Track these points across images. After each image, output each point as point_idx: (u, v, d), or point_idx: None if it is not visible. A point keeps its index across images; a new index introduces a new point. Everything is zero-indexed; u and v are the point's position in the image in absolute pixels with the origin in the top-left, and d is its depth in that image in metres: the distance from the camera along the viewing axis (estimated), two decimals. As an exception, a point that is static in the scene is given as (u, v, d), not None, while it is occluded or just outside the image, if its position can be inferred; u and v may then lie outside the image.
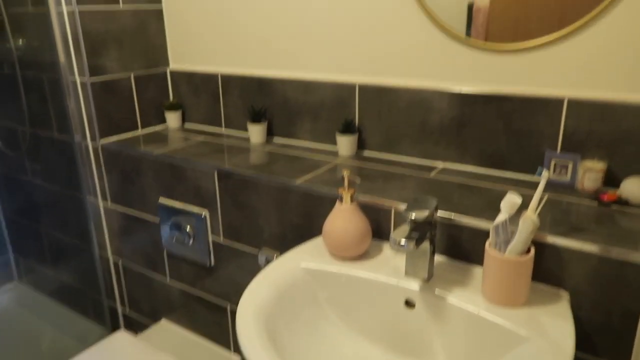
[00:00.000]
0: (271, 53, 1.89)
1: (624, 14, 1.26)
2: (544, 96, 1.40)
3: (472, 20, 1.45)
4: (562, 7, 1.32)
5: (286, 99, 1.88)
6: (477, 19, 1.44)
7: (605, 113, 1.33)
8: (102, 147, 1.99)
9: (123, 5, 1.96)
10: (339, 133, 1.72)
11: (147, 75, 2.10)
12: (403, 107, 1.63)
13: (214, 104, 2.09)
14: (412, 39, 1.57)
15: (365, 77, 1.70)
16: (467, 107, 1.52)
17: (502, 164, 1.51)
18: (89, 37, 1.87)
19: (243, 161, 1.71)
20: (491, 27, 1.43)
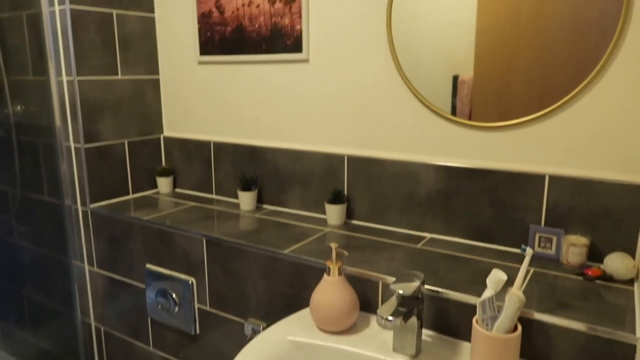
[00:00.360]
0: (263, 124, 1.95)
1: (599, 96, 1.33)
2: (527, 172, 1.45)
3: (457, 92, 1.52)
4: (542, 87, 1.39)
5: (277, 167, 1.92)
6: (461, 90, 1.51)
7: (585, 189, 1.37)
8: (91, 211, 1.99)
9: (122, 75, 2.04)
10: (328, 202, 1.75)
11: (141, 141, 2.15)
12: (391, 178, 1.67)
13: (205, 171, 2.13)
14: (400, 116, 1.64)
15: (354, 149, 1.75)
16: (453, 180, 1.56)
17: (489, 237, 1.54)
18: (86, 104, 1.93)
19: (232, 229, 1.72)
20: (475, 103, 1.50)
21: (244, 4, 1.87)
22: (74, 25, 1.85)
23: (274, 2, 1.80)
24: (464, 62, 1.49)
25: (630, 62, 1.28)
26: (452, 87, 1.52)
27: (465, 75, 1.50)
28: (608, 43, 1.28)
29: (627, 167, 1.33)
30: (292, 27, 1.78)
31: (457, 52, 1.49)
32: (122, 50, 2.03)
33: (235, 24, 1.91)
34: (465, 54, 1.48)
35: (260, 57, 1.88)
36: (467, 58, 1.48)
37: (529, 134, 1.44)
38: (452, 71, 1.51)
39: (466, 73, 1.49)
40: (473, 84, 1.49)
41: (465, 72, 1.49)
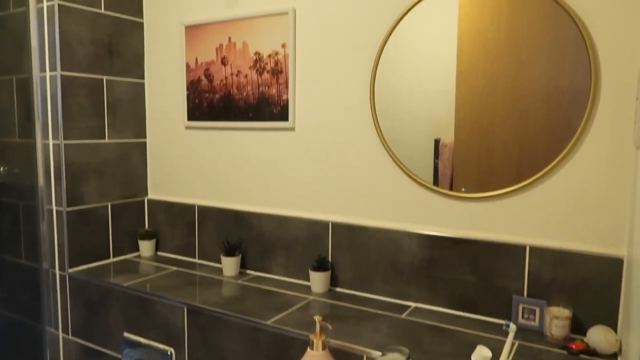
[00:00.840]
0: (248, 189, 1.96)
1: (574, 170, 1.38)
2: (508, 242, 1.47)
3: (439, 155, 1.56)
4: (520, 155, 1.44)
5: (261, 232, 1.92)
6: (443, 154, 1.56)
7: (566, 261, 1.39)
8: (70, 276, 1.95)
9: (109, 139, 2.05)
10: (312, 269, 1.74)
11: (124, 204, 2.14)
12: (375, 246, 1.68)
13: (189, 234, 2.11)
14: (383, 184, 1.67)
15: (339, 216, 1.76)
16: (435, 249, 1.57)
17: (472, 307, 1.53)
18: (71, 168, 1.93)
19: (215, 296, 1.69)
20: (457, 166, 1.54)
21: (233, 73, 1.93)
22: (64, 90, 1.89)
23: (261, 72, 1.86)
24: (445, 126, 1.54)
25: (603, 137, 1.34)
26: (434, 149, 1.57)
27: (447, 139, 1.55)
28: (581, 115, 1.35)
29: (604, 239, 1.36)
30: (278, 97, 1.83)
31: (439, 118, 1.55)
32: (110, 114, 2.06)
33: (224, 91, 1.96)
34: (446, 119, 1.54)
35: (247, 124, 1.92)
36: (448, 123, 1.54)
37: (509, 205, 1.48)
38: (433, 135, 1.56)
39: (447, 137, 1.55)
40: (454, 148, 1.54)
41: (447, 136, 1.55)
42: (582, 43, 1.33)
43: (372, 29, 1.64)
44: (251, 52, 1.88)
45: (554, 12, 1.36)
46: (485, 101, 1.48)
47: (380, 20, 1.62)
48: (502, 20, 1.44)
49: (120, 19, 2.08)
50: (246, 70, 1.90)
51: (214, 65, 1.98)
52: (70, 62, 1.90)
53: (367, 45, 1.66)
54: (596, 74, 1.33)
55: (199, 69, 2.02)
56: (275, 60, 1.83)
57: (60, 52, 1.87)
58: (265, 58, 1.85)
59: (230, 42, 1.93)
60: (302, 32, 1.78)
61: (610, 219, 1.35)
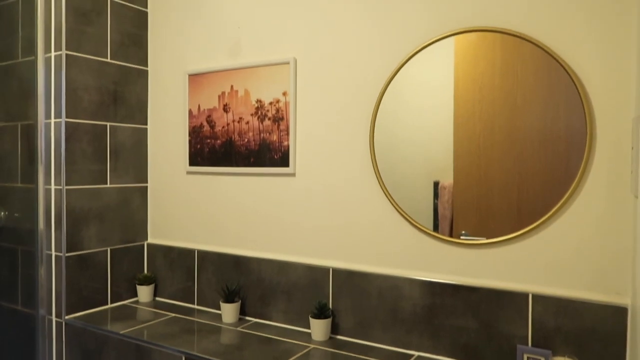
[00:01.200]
0: (249, 234, 1.96)
1: (574, 216, 1.39)
2: (510, 290, 1.46)
3: (439, 196, 1.57)
4: (519, 200, 1.45)
5: (261, 278, 1.90)
6: (442, 196, 1.56)
7: (569, 309, 1.38)
8: (66, 323, 1.92)
9: (110, 183, 2.07)
10: (312, 317, 1.72)
11: (124, 249, 2.13)
12: (376, 293, 1.66)
13: (188, 279, 2.09)
14: (384, 231, 1.67)
15: (339, 261, 1.76)
16: (437, 296, 1.56)
17: (476, 356, 1.50)
18: (72, 213, 1.93)
19: (213, 344, 1.66)
20: (456, 208, 1.54)
21: (234, 120, 1.97)
22: (68, 136, 1.91)
23: (263, 119, 1.90)
24: (444, 169, 1.56)
25: (601, 184, 1.35)
26: (434, 191, 1.58)
27: (446, 181, 1.56)
28: (579, 161, 1.36)
29: (607, 287, 1.35)
30: (279, 143, 1.86)
31: (438, 161, 1.57)
32: (112, 159, 2.08)
33: (225, 137, 1.99)
34: (445, 162, 1.55)
35: (247, 169, 1.94)
36: (447, 166, 1.55)
37: (511, 252, 1.47)
38: (433, 177, 1.58)
39: (446, 179, 1.56)
40: (453, 190, 1.55)
41: (446, 179, 1.56)
42: (575, 92, 1.36)
43: (371, 77, 1.69)
44: (253, 99, 1.92)
45: (547, 61, 1.40)
46: (483, 145, 1.50)
47: (380, 69, 1.67)
48: (497, 67, 1.48)
49: (125, 67, 2.13)
50: (248, 117, 1.93)
51: (216, 112, 2.02)
52: (75, 109, 1.94)
53: (367, 93, 1.69)
54: (591, 121, 1.36)
55: (201, 116, 2.06)
56: (276, 108, 1.87)
57: (65, 99, 1.90)
58: (266, 105, 1.89)
59: (233, 90, 1.97)
60: (302, 80, 1.83)
61: (613, 266, 1.34)
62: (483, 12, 1.50)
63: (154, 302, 2.15)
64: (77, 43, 1.94)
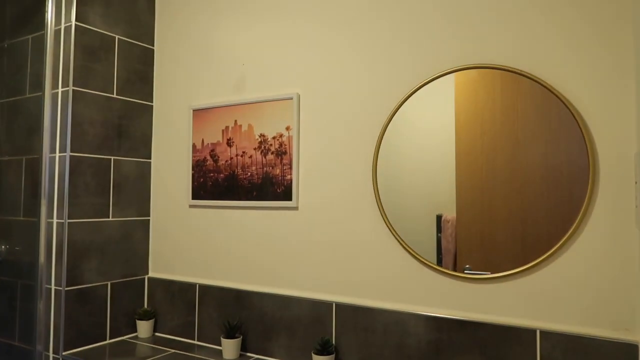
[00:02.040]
0: (251, 268, 1.95)
1: (580, 251, 1.38)
2: (517, 325, 1.43)
3: (442, 230, 1.56)
4: (524, 234, 1.44)
5: (263, 312, 1.88)
6: (446, 229, 1.55)
7: (578, 346, 1.35)
8: (63, 359, 1.88)
9: (112, 217, 2.06)
10: (315, 353, 1.68)
11: (124, 282, 2.11)
12: (380, 328, 1.64)
13: (188, 314, 2.06)
14: (386, 264, 1.66)
15: (343, 296, 1.73)
16: (443, 332, 1.53)
17: (483, 395, 1.47)
18: (73, 247, 1.92)
19: (214, 382, 1.62)
20: (460, 242, 1.53)
21: (238, 154, 1.98)
22: (72, 170, 1.92)
23: (266, 153, 1.91)
24: (447, 203, 1.56)
25: (606, 218, 1.35)
26: (437, 224, 1.57)
27: (449, 215, 1.56)
28: (583, 195, 1.37)
29: (616, 323, 1.33)
30: (282, 177, 1.87)
31: (440, 194, 1.57)
32: (115, 192, 2.08)
33: (229, 171, 2.00)
34: (448, 195, 1.56)
35: (250, 203, 1.94)
36: (450, 200, 1.55)
37: (516, 287, 1.46)
38: (435, 211, 1.57)
39: (449, 213, 1.55)
40: (456, 223, 1.54)
41: (449, 212, 1.55)
42: (576, 126, 1.38)
43: (374, 112, 1.71)
44: (256, 134, 1.94)
45: (546, 96, 1.43)
46: (485, 179, 1.51)
47: (382, 105, 1.69)
48: (497, 102, 1.50)
49: (130, 102, 2.16)
50: (251, 151, 1.95)
51: (219, 146, 2.04)
52: (80, 143, 1.96)
53: (369, 128, 1.71)
54: (593, 156, 1.36)
55: (205, 150, 2.08)
56: (279, 142, 1.89)
57: (71, 134, 1.93)
58: (269, 140, 1.91)
59: (236, 125, 2.00)
60: (305, 115, 1.85)
61: (621, 302, 1.33)
62: (481, 49, 1.54)
63: (153, 337, 2.11)
64: (85, 79, 1.98)
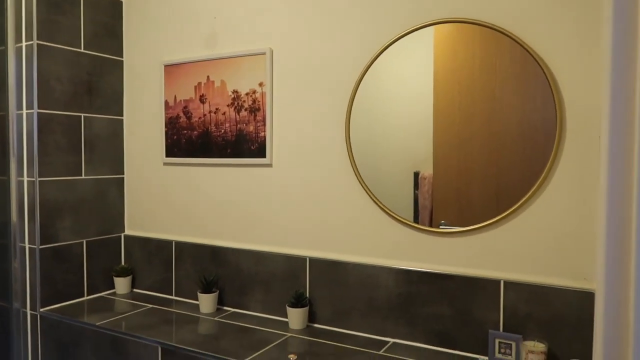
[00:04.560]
0: (226, 225, 1.96)
1: (545, 203, 1.42)
2: (483, 277, 1.49)
3: (419, 187, 1.58)
4: (497, 190, 1.47)
5: (239, 268, 1.91)
6: (422, 186, 1.58)
7: (540, 296, 1.41)
8: (41, 315, 1.90)
9: (85, 175, 2.04)
10: (289, 306, 1.73)
11: (100, 240, 2.11)
12: (352, 281, 1.68)
13: (165, 271, 2.08)
14: (360, 221, 1.68)
15: (316, 251, 1.77)
16: (413, 284, 1.58)
17: (450, 342, 1.53)
18: (46, 205, 1.90)
19: (191, 334, 1.66)
20: (436, 199, 1.55)
21: (211, 111, 1.96)
22: (40, 128, 1.88)
23: (239, 110, 1.89)
24: (424, 160, 1.57)
25: (572, 172, 1.38)
26: (414, 181, 1.59)
27: (426, 172, 1.57)
28: (551, 150, 1.39)
29: (576, 273, 1.38)
30: (256, 134, 1.86)
31: (417, 151, 1.58)
32: (87, 151, 2.05)
33: (202, 129, 1.98)
34: (424, 152, 1.57)
35: (225, 160, 1.93)
36: (427, 156, 1.57)
37: (485, 240, 1.50)
38: (413, 168, 1.59)
39: (426, 170, 1.57)
40: (433, 180, 1.56)
41: (426, 169, 1.57)
42: (547, 83, 1.39)
43: (347, 67, 1.69)
44: (229, 90, 1.91)
45: (523, 55, 1.42)
46: (462, 135, 1.52)
47: (356, 59, 1.67)
48: (476, 59, 1.49)
49: (100, 58, 2.10)
50: (224, 107, 1.92)
51: (192, 103, 2.01)
52: (47, 100, 1.91)
53: (343, 83, 1.70)
54: (561, 112, 1.38)
55: (178, 107, 2.04)
56: (252, 99, 1.86)
57: (37, 91, 1.87)
58: (243, 96, 1.88)
59: (209, 81, 1.96)
60: (279, 71, 1.82)
61: (582, 253, 1.37)
62: (462, 3, 1.51)
63: (131, 293, 2.14)
64: (49, 33, 1.91)
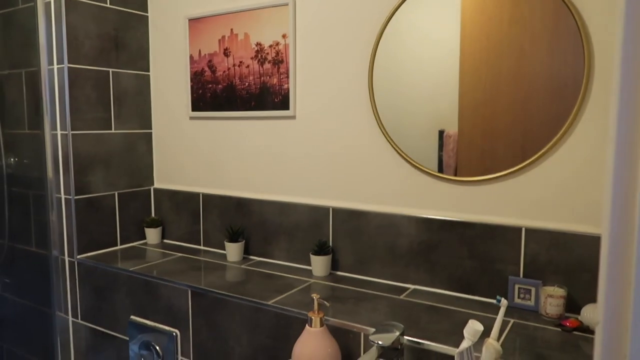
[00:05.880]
0: (250, 177, 2.01)
1: (568, 151, 1.41)
2: (505, 224, 1.50)
3: (444, 146, 1.58)
4: (523, 143, 1.45)
5: (263, 219, 1.96)
6: (447, 145, 1.57)
7: (561, 242, 1.42)
8: (78, 262, 2.00)
9: (115, 129, 2.11)
10: (313, 254, 1.78)
11: (131, 193, 2.19)
12: (374, 230, 1.71)
13: (193, 222, 2.16)
14: (383, 171, 1.70)
15: (339, 201, 1.80)
16: (434, 232, 1.61)
17: (470, 288, 1.56)
18: (78, 157, 1.98)
19: (218, 280, 1.73)
20: (461, 157, 1.55)
21: (235, 64, 1.97)
22: (71, 82, 1.94)
23: (263, 62, 1.90)
24: (449, 117, 1.56)
25: (596, 122, 1.37)
26: (439, 141, 1.58)
27: (451, 130, 1.56)
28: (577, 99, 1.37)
29: (597, 220, 1.38)
30: (279, 86, 1.87)
31: (442, 109, 1.56)
32: (116, 105, 2.11)
33: (226, 82, 2.00)
34: (449, 110, 1.55)
35: (249, 113, 1.96)
36: (452, 114, 1.55)
37: (507, 188, 1.50)
38: (437, 126, 1.58)
39: (451, 128, 1.56)
40: (458, 139, 1.55)
41: (451, 127, 1.56)
42: (579, 36, 1.34)
43: (370, 17, 1.68)
44: (252, 43, 1.92)
45: (555, 6, 1.37)
46: (489, 91, 1.49)
47: (379, 8, 1.66)
48: (505, 11, 1.45)
49: (125, 13, 2.13)
50: (248, 60, 1.94)
51: (216, 57, 2.03)
52: (77, 55, 1.95)
53: (365, 34, 1.69)
54: (589, 64, 1.35)
55: (202, 61, 2.07)
56: (276, 51, 1.87)
57: (67, 46, 1.92)
58: (266, 48, 1.89)
59: (232, 34, 1.97)
60: (301, 22, 1.82)
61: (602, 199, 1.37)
62: (483, -56, 1.47)
63: (161, 244, 2.23)
64: (76, -13, 1.94)
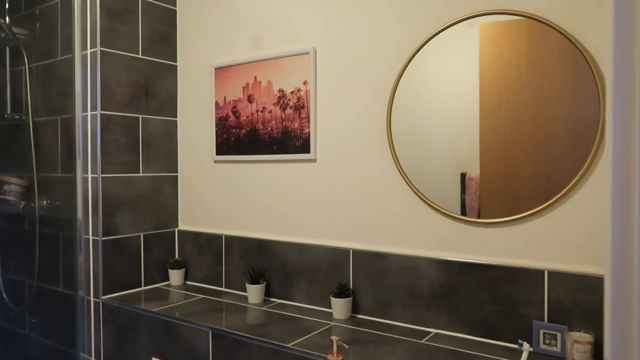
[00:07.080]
0: (272, 219, 2.04)
1: (589, 191, 1.40)
2: (526, 267, 1.48)
3: (466, 189, 1.58)
4: (546, 184, 1.45)
5: (284, 261, 1.98)
6: (469, 187, 1.58)
7: (585, 285, 1.39)
8: (103, 302, 2.04)
9: (142, 172, 2.18)
10: (333, 296, 1.78)
11: (156, 234, 2.24)
12: (394, 272, 1.71)
13: (216, 264, 2.19)
14: (401, 213, 1.71)
15: (359, 243, 1.81)
16: (455, 275, 1.60)
17: (492, 333, 1.53)
18: (107, 200, 2.05)
19: (239, 321, 1.74)
20: (483, 199, 1.55)
21: (258, 110, 2.05)
22: (103, 128, 2.04)
23: (284, 108, 1.97)
24: (470, 160, 1.56)
25: (613, 163, 1.36)
26: (461, 184, 1.59)
27: (472, 172, 1.57)
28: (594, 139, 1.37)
29: (623, 263, 1.35)
30: (301, 130, 1.93)
31: (463, 151, 1.57)
32: (144, 149, 2.20)
33: (250, 127, 2.08)
34: (471, 152, 1.56)
35: (271, 156, 2.02)
36: (473, 157, 1.55)
37: (529, 229, 1.49)
38: (459, 169, 1.59)
39: (473, 171, 1.56)
40: (480, 181, 1.56)
41: (472, 170, 1.57)
42: (592, 75, 1.37)
43: (388, 61, 1.73)
44: (275, 89, 2.00)
45: (573, 51, 1.40)
46: (509, 135, 1.49)
47: (396, 54, 1.72)
48: (523, 56, 1.47)
49: (155, 63, 2.25)
50: (270, 106, 2.01)
51: (240, 103, 2.11)
52: (109, 102, 2.06)
53: (384, 80, 1.74)
54: (605, 105, 1.36)
55: (227, 107, 2.15)
56: (297, 97, 1.94)
57: (100, 93, 2.03)
58: (288, 95, 1.96)
59: (256, 81, 2.06)
60: (322, 69, 1.89)
61: (627, 241, 1.35)
62: (496, -5, 1.53)
63: (184, 285, 2.26)
64: (111, 40, 2.06)
